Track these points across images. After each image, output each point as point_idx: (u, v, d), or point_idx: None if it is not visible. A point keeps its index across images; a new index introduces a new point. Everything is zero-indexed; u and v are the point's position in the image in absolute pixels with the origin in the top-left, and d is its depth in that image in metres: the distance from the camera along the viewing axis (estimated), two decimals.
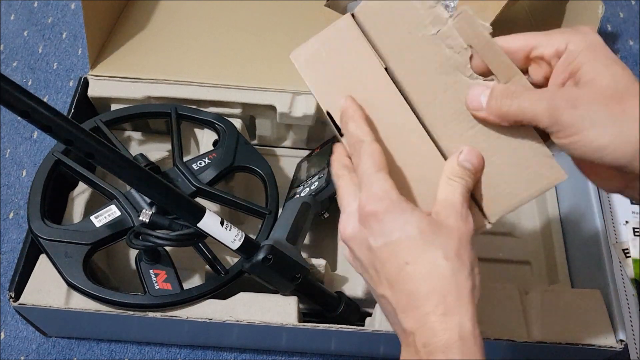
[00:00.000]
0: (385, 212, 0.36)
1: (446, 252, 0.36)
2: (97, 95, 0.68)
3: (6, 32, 0.88)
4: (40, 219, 0.55)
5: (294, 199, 0.61)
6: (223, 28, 0.76)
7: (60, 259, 0.53)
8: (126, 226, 0.56)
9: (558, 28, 0.76)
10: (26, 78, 0.83)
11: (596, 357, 0.57)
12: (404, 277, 0.36)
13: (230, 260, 0.62)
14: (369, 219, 0.37)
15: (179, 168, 0.61)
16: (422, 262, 0.36)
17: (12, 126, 0.78)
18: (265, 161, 0.64)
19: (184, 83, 0.69)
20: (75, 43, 0.88)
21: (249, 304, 0.55)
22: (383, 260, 0.37)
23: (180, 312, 0.54)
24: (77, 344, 0.63)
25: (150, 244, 0.51)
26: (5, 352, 0.62)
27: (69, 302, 0.54)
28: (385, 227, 0.36)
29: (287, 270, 0.53)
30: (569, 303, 0.57)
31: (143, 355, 0.63)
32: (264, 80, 0.69)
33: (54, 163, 0.59)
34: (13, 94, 0.38)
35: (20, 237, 0.69)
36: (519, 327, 0.55)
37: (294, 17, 0.78)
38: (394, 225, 0.36)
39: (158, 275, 0.55)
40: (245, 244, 0.51)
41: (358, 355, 0.64)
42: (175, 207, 0.49)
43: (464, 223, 0.37)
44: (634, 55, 0.94)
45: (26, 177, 0.74)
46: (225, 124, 0.66)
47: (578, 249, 0.66)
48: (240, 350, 0.64)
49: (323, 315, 0.58)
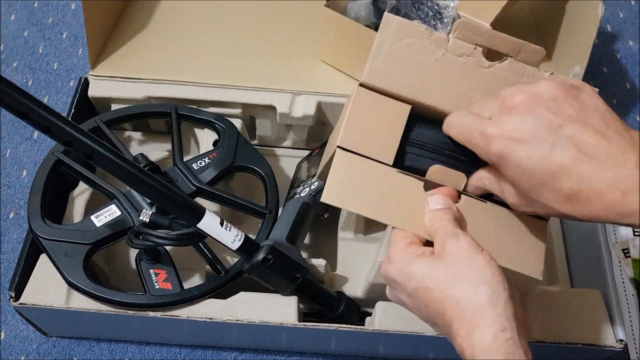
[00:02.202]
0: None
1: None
2: (97, 96, 0.68)
3: (6, 32, 0.88)
4: (41, 218, 0.55)
5: (294, 199, 0.61)
6: (223, 28, 0.76)
7: (60, 259, 0.53)
8: (126, 226, 0.56)
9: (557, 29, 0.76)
10: (26, 78, 0.83)
11: (596, 357, 0.57)
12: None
13: (230, 260, 0.62)
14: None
15: (179, 168, 0.61)
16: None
17: (13, 126, 0.78)
18: (265, 161, 0.64)
19: (184, 83, 0.69)
20: (76, 43, 0.88)
21: (249, 304, 0.55)
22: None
23: (180, 312, 0.54)
24: (77, 344, 0.63)
25: (150, 243, 0.51)
26: (5, 352, 0.62)
27: (69, 302, 0.54)
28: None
29: (287, 270, 0.53)
30: (569, 303, 0.57)
31: (143, 355, 0.63)
32: (264, 80, 0.69)
33: (54, 163, 0.59)
34: (12, 96, 0.38)
35: (21, 237, 0.69)
36: None
37: (294, 17, 0.78)
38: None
39: (158, 275, 0.55)
40: (245, 245, 0.51)
41: (358, 355, 0.64)
42: (175, 208, 0.49)
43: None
44: (633, 55, 0.94)
45: (26, 177, 0.74)
46: (225, 123, 0.66)
47: (578, 249, 0.66)
48: (240, 350, 0.64)
49: (323, 315, 0.58)
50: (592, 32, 0.66)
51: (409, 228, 0.43)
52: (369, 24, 0.69)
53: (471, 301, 0.37)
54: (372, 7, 0.71)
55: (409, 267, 0.40)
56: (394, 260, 0.42)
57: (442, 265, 0.39)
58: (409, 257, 0.41)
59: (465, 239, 0.40)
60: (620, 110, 0.88)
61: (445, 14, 0.69)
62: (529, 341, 0.54)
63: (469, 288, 0.37)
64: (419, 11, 0.70)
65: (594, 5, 0.66)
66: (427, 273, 0.39)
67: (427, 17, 0.69)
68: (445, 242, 0.40)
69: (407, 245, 0.42)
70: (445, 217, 0.42)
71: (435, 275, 0.39)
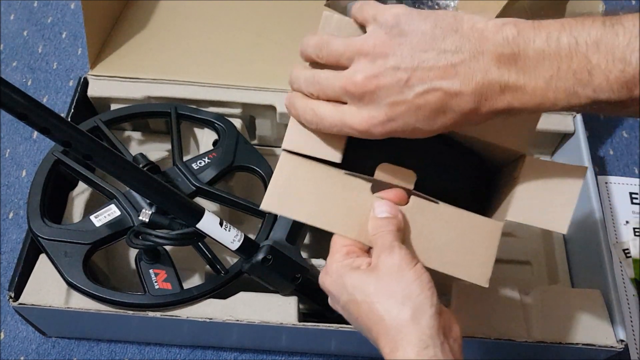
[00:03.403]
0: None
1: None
2: (96, 95, 0.68)
3: (6, 32, 0.88)
4: (40, 218, 0.55)
5: None
6: (223, 28, 0.76)
7: (60, 259, 0.53)
8: (126, 226, 0.55)
9: None
10: (26, 78, 0.83)
11: (596, 357, 0.57)
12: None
13: (230, 260, 0.62)
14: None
15: (179, 168, 0.61)
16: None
17: (12, 126, 0.78)
18: (265, 161, 0.64)
19: (184, 83, 0.69)
20: (75, 43, 0.88)
21: (249, 304, 0.55)
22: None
23: (180, 312, 0.54)
24: (76, 344, 0.63)
25: (150, 243, 0.51)
26: (5, 352, 0.62)
27: (68, 302, 0.54)
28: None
29: (287, 270, 0.53)
30: (569, 303, 0.57)
31: (143, 355, 0.63)
32: (264, 80, 0.69)
33: (54, 163, 0.59)
34: (11, 97, 0.38)
35: (20, 237, 0.69)
36: (519, 327, 0.55)
37: (294, 17, 0.78)
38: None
39: (158, 275, 0.55)
40: (245, 245, 0.51)
41: (358, 355, 0.64)
42: (174, 208, 0.49)
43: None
44: None
45: (26, 177, 0.74)
46: (225, 123, 0.66)
47: (578, 249, 0.66)
48: (240, 350, 0.64)
49: (323, 315, 0.58)
50: None
51: (352, 235, 0.42)
52: None
53: (395, 318, 0.37)
54: None
55: (343, 279, 0.40)
56: (330, 271, 0.42)
57: (373, 279, 0.39)
58: (344, 269, 0.41)
59: (400, 253, 0.39)
60: None
61: None
62: (529, 341, 0.54)
63: (394, 305, 0.37)
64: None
65: (594, 5, 0.66)
66: (358, 286, 0.39)
67: None
68: (380, 255, 0.40)
69: (344, 256, 0.42)
70: (387, 228, 0.41)
71: (365, 289, 0.39)
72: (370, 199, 0.43)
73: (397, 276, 0.38)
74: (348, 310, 0.41)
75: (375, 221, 0.42)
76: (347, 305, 0.40)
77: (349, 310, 0.40)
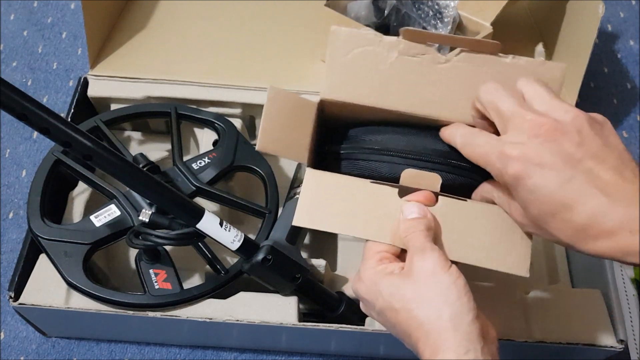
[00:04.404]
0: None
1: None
2: (96, 95, 0.68)
3: (6, 32, 0.88)
4: (40, 218, 0.55)
5: (294, 199, 0.61)
6: (223, 28, 0.76)
7: (60, 259, 0.53)
8: (126, 226, 0.55)
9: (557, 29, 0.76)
10: (26, 78, 0.83)
11: (596, 357, 0.57)
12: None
13: (230, 260, 0.62)
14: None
15: (179, 167, 0.61)
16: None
17: (12, 126, 0.78)
18: (265, 161, 0.64)
19: (184, 83, 0.69)
20: (75, 43, 0.88)
21: (249, 304, 0.55)
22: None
23: (180, 312, 0.54)
24: (77, 344, 0.63)
25: (150, 243, 0.51)
26: (5, 352, 0.62)
27: (68, 302, 0.54)
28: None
29: (287, 270, 0.53)
30: (569, 303, 0.57)
31: (143, 355, 0.63)
32: (264, 80, 0.69)
33: (54, 163, 0.59)
34: (10, 97, 0.38)
35: (20, 237, 0.69)
36: (519, 327, 0.55)
37: (294, 17, 0.78)
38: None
39: (158, 275, 0.55)
40: (245, 245, 0.51)
41: (358, 355, 0.64)
42: (174, 209, 0.49)
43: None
44: (634, 55, 0.94)
45: (26, 177, 0.74)
46: (225, 123, 0.66)
47: None
48: (240, 350, 0.64)
49: (323, 315, 0.58)
50: (593, 32, 0.66)
51: (386, 240, 0.43)
52: (369, 24, 0.69)
53: (434, 324, 0.37)
54: (372, 7, 0.71)
55: (377, 286, 0.41)
56: (364, 278, 0.42)
57: (409, 285, 0.39)
58: (377, 276, 0.41)
59: (432, 255, 0.40)
60: (621, 110, 0.88)
61: (446, 14, 0.69)
62: (529, 341, 0.54)
63: (433, 310, 0.38)
64: (419, 11, 0.70)
65: (594, 5, 0.65)
66: (394, 293, 0.40)
67: (428, 17, 0.69)
68: (413, 257, 0.40)
69: (377, 262, 0.42)
70: (418, 228, 0.42)
71: (401, 295, 0.39)
72: (399, 203, 0.43)
73: (433, 280, 0.39)
74: (384, 316, 0.41)
75: (405, 223, 0.42)
76: (383, 312, 0.41)
77: (385, 316, 0.41)
